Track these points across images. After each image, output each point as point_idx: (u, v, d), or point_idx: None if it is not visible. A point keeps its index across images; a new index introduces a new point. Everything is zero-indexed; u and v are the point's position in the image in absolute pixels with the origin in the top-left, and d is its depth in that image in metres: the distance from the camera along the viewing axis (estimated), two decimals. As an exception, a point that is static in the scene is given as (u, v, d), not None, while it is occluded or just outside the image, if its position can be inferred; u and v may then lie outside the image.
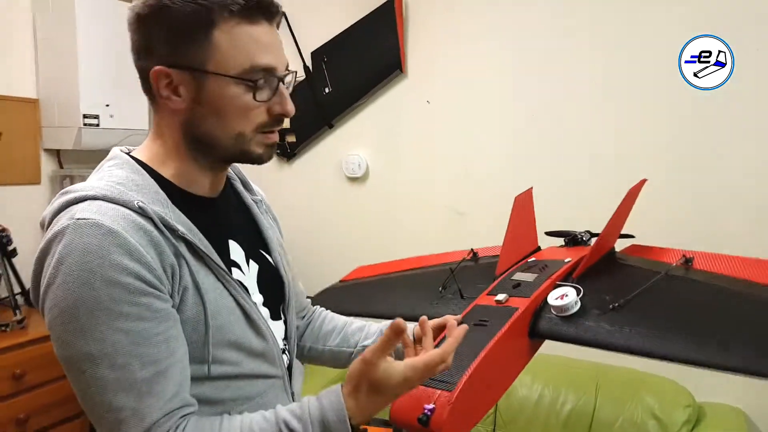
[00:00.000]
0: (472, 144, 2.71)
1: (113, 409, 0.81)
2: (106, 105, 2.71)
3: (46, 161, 2.89)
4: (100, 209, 0.83)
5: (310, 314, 1.31)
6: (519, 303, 1.06)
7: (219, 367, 0.92)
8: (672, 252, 1.28)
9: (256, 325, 0.97)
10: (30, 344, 2.32)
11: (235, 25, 0.88)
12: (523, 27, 2.56)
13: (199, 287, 0.89)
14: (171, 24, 0.87)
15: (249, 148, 0.94)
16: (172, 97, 0.91)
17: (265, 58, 0.90)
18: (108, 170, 0.93)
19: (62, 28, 2.68)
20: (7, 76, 2.72)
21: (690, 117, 2.30)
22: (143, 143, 0.99)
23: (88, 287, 0.79)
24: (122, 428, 0.81)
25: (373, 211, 2.97)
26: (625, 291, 1.06)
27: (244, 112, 0.91)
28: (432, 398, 0.90)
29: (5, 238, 2.53)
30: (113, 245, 0.80)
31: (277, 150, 3.14)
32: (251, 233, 1.10)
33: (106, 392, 0.80)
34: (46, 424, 2.39)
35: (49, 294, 0.82)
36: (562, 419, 2.27)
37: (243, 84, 0.89)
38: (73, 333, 0.80)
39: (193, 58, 0.88)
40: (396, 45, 2.75)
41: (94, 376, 0.80)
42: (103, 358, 0.80)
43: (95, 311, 0.79)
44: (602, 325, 0.99)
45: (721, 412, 2.19)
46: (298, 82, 3.01)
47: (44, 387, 2.36)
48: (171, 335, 0.85)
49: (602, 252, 1.24)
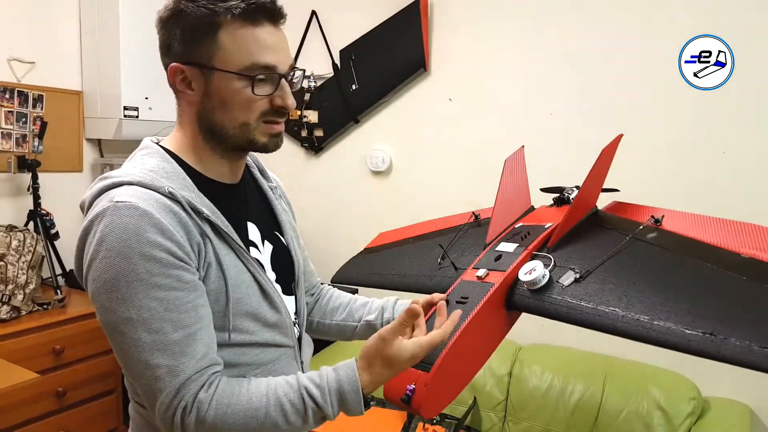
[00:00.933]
0: (492, 141, 2.75)
1: (151, 366, 0.90)
2: (145, 98, 2.82)
3: (88, 150, 3.00)
4: (136, 193, 0.93)
5: (318, 292, 1.41)
6: (496, 278, 1.08)
7: (238, 335, 1.02)
8: (646, 210, 1.25)
9: (271, 298, 1.07)
10: (69, 322, 2.43)
11: (239, 27, 0.98)
12: (542, 29, 2.61)
13: (222, 263, 0.99)
14: (185, 25, 0.98)
15: (254, 137, 1.03)
16: (187, 91, 1.02)
17: (265, 57, 0.99)
18: (140, 159, 1.03)
19: (106, 24, 2.79)
20: (55, 70, 2.83)
21: (690, 117, 2.32)
22: (171, 134, 1.09)
23: (127, 261, 0.89)
24: (159, 384, 0.91)
25: (395, 204, 3.03)
26: (591, 260, 1.05)
27: (246, 104, 1.00)
28: (413, 379, 0.97)
29: (49, 221, 2.65)
30: (148, 225, 0.90)
31: (305, 144, 3.24)
32: (267, 216, 1.19)
33: (143, 352, 0.90)
34: (83, 397, 2.48)
35: (92, 268, 0.92)
36: (570, 408, 2.32)
37: (244, 79, 0.99)
38: (115, 301, 0.90)
39: (202, 56, 0.99)
40: (420, 44, 2.82)
41: (133, 338, 0.90)
42: (140, 322, 0.90)
43: (133, 282, 0.89)
44: (565, 299, 1.01)
45: (725, 405, 2.22)
46: (326, 80, 3.11)
47: (82, 363, 2.46)
48: (198, 303, 0.95)
49: (579, 216, 1.21)
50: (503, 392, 2.47)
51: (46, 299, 2.50)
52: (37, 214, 2.64)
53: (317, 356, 2.59)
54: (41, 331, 2.35)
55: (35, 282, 2.46)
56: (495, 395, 2.48)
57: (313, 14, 3.10)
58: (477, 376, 2.53)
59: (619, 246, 1.08)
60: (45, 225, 2.64)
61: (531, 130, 2.68)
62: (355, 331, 1.34)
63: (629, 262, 1.05)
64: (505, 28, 2.70)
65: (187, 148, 1.06)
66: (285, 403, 0.95)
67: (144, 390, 0.94)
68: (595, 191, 1.30)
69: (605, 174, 1.31)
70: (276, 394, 0.95)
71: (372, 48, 2.99)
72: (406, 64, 2.90)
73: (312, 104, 3.14)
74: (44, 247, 2.57)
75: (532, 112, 2.67)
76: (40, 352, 2.34)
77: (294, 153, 3.31)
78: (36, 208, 2.65)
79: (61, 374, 2.41)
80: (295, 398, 0.95)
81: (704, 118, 2.30)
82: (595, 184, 1.27)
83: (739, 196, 2.26)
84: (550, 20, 2.59)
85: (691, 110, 2.32)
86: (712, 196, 2.29)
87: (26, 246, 2.45)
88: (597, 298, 0.99)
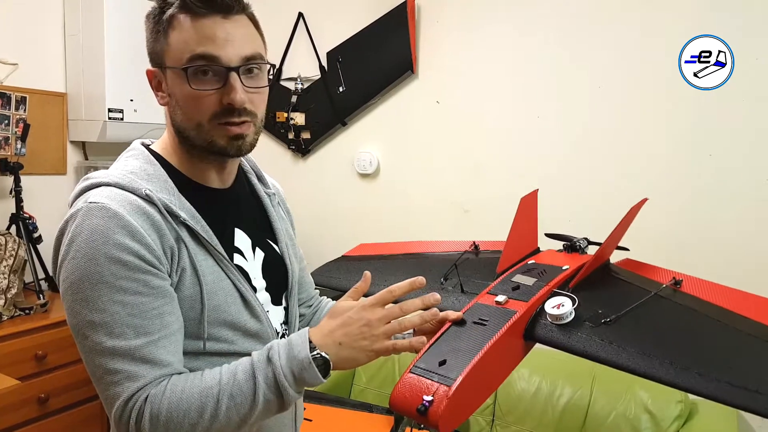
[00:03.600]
0: (479, 144, 2.76)
1: (110, 371, 0.88)
2: (130, 100, 2.79)
3: (71, 153, 2.97)
4: (110, 195, 0.92)
5: (316, 303, 1.38)
6: (517, 306, 1.10)
7: (215, 344, 0.99)
8: (663, 272, 1.31)
9: (251, 306, 1.03)
10: (52, 327, 2.39)
11: (183, 20, 0.94)
12: (531, 31, 2.62)
13: (197, 269, 0.96)
14: (148, 27, 0.99)
15: (212, 139, 0.98)
16: (158, 93, 1.01)
17: (203, 47, 0.93)
18: (125, 161, 1.02)
19: (91, 25, 2.77)
20: (39, 71, 2.80)
21: (690, 117, 2.33)
22: (161, 136, 1.08)
23: (93, 263, 0.87)
24: (117, 389, 0.88)
25: (382, 206, 3.04)
26: (617, 307, 1.10)
27: (193, 101, 0.96)
28: (431, 390, 0.94)
29: (31, 225, 2.61)
30: (117, 226, 0.89)
31: (292, 146, 3.22)
32: (261, 223, 1.16)
33: (103, 356, 0.88)
34: (66, 404, 2.44)
35: (63, 268, 0.90)
36: (558, 411, 2.32)
37: (184, 74, 0.94)
38: (80, 303, 0.88)
39: (159, 56, 0.98)
40: (408, 47, 2.82)
41: (94, 341, 0.88)
42: (103, 326, 0.87)
43: (98, 284, 0.87)
44: (594, 338, 1.04)
45: (712, 408, 2.21)
46: (313, 82, 3.10)
47: (65, 369, 2.43)
48: (165, 311, 0.92)
49: (597, 264, 1.27)
50: (491, 396, 2.46)
51: (29, 304, 2.46)
52: (19, 217, 2.60)
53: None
54: (23, 336, 2.31)
55: (17, 286, 2.42)
56: (483, 399, 2.46)
57: (300, 16, 3.08)
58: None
59: (645, 298, 1.14)
60: (27, 228, 2.61)
61: (518, 133, 2.68)
62: None
63: (655, 315, 1.12)
64: (493, 31, 2.70)
65: (172, 151, 1.05)
66: (238, 371, 0.91)
67: (103, 395, 0.91)
68: (614, 244, 1.37)
69: (626, 230, 1.36)
70: (229, 367, 0.93)
71: (359, 50, 2.98)
72: (393, 67, 2.90)
73: (299, 106, 3.13)
74: (27, 251, 2.53)
75: (520, 115, 2.67)
76: (22, 358, 2.30)
77: (281, 155, 3.29)
78: (18, 212, 2.61)
79: (44, 380, 2.37)
80: (245, 363, 0.92)
81: (704, 118, 2.31)
82: (617, 236, 1.34)
83: (738, 196, 2.27)
84: (539, 23, 2.60)
85: (690, 110, 2.33)
86: (712, 196, 2.31)
87: (8, 250, 2.41)
88: (627, 341, 1.02)
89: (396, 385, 0.97)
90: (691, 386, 0.93)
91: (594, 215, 2.27)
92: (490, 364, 1.03)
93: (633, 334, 1.04)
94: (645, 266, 1.38)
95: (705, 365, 0.95)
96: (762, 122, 2.22)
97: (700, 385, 0.92)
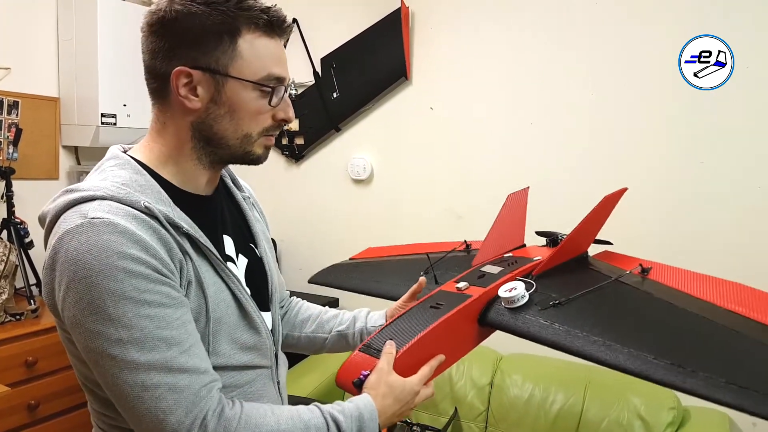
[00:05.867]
0: (472, 150, 2.77)
1: (149, 387, 0.85)
2: (123, 105, 2.78)
3: (64, 157, 2.95)
4: (111, 209, 0.88)
5: (287, 304, 1.38)
6: (475, 291, 1.12)
7: (216, 358, 0.97)
8: (635, 261, 1.30)
9: (251, 317, 1.03)
10: (43, 333, 2.37)
11: (258, 37, 0.97)
12: (525, 37, 2.63)
13: (201, 282, 0.95)
14: (199, 29, 0.94)
15: (252, 149, 1.02)
16: (190, 97, 0.96)
17: (279, 69, 0.99)
18: (110, 170, 0.97)
19: (84, 30, 2.75)
20: (31, 76, 2.78)
21: (690, 117, 2.34)
22: (141, 142, 1.04)
23: (111, 279, 0.83)
24: (162, 404, 0.85)
25: (376, 212, 3.04)
26: (572, 290, 1.10)
27: (255, 115, 0.99)
28: (371, 365, 1.00)
29: (23, 230, 2.59)
30: (130, 241, 0.85)
31: (286, 152, 3.22)
32: (241, 227, 1.15)
33: (139, 373, 0.84)
34: (56, 410, 2.42)
35: (70, 291, 0.85)
36: (551, 418, 2.31)
37: (259, 89, 0.98)
38: (102, 323, 0.84)
39: (217, 62, 0.95)
40: (401, 53, 2.83)
41: (126, 359, 0.84)
42: (133, 342, 0.84)
43: (121, 300, 0.83)
44: (538, 320, 1.04)
45: (705, 415, 2.22)
46: (307, 88, 3.11)
47: (55, 375, 2.40)
48: (187, 320, 0.91)
49: (569, 255, 1.26)
50: (484, 402, 2.47)
51: (19, 310, 2.44)
52: (11, 222, 2.58)
53: (291, 371, 2.57)
54: (13, 342, 2.29)
55: (8, 292, 2.40)
56: (476, 405, 2.47)
57: (295, 22, 3.09)
58: (458, 386, 2.53)
59: (602, 283, 1.14)
60: (19, 234, 2.58)
61: (511, 139, 2.69)
62: (326, 343, 1.32)
63: (610, 298, 1.12)
64: (487, 37, 2.71)
65: (165, 159, 1.01)
66: (311, 426, 0.93)
67: (142, 412, 0.86)
68: (588, 235, 1.36)
69: (602, 222, 1.35)
70: (301, 419, 0.94)
71: (353, 56, 2.99)
72: (387, 73, 2.91)
73: (293, 112, 3.12)
74: (18, 256, 2.51)
75: (513, 121, 2.68)
76: (12, 364, 2.28)
77: (275, 161, 3.29)
78: (10, 217, 2.59)
79: (34, 386, 2.34)
80: (319, 422, 0.94)
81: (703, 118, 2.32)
82: (589, 228, 1.32)
83: (738, 195, 2.28)
84: (533, 29, 2.61)
85: (690, 110, 2.33)
86: (711, 195, 2.32)
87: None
88: (571, 322, 1.03)
89: (344, 363, 1.03)
90: (631, 368, 0.92)
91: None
92: (436, 343, 1.06)
93: (580, 316, 1.04)
94: (622, 257, 1.38)
95: (650, 348, 0.94)
96: (762, 122, 2.22)
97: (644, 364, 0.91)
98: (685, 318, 1.06)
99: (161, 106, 1.01)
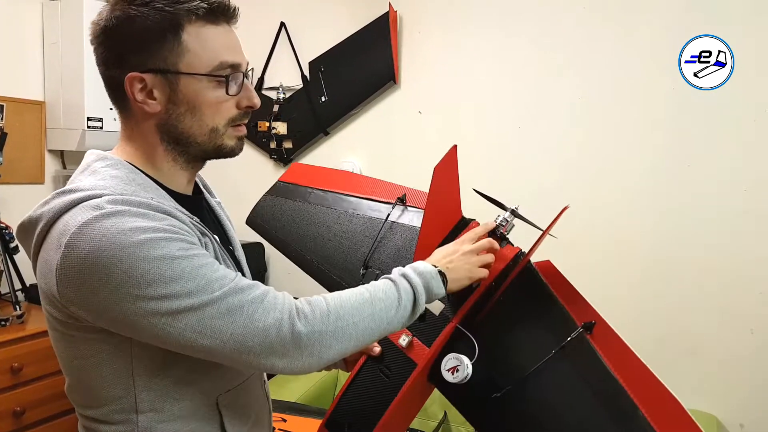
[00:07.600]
0: (460, 154, 2.75)
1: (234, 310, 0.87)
2: (110, 108, 2.70)
3: (50, 162, 2.94)
4: (125, 201, 0.87)
5: None
6: (419, 355, 1.19)
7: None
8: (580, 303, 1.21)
9: None
10: (28, 339, 2.36)
11: (201, 27, 0.94)
12: (514, 40, 2.63)
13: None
14: (141, 32, 0.92)
15: (222, 142, 1.00)
16: (148, 101, 0.95)
17: (231, 56, 0.96)
18: (105, 170, 0.95)
19: (70, 34, 2.74)
20: (17, 79, 2.77)
21: (689, 117, 2.34)
22: (115, 148, 1.03)
23: (156, 248, 0.83)
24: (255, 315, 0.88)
25: (365, 216, 3.03)
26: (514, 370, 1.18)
27: (216, 107, 0.97)
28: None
29: (8, 235, 2.57)
30: (155, 220, 0.87)
31: (274, 155, 3.21)
32: (219, 231, 1.15)
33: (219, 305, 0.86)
34: (42, 417, 2.41)
35: (112, 274, 0.82)
36: (541, 421, 2.32)
37: (214, 80, 0.95)
38: (165, 286, 0.83)
39: (165, 61, 0.93)
40: (390, 57, 2.82)
41: (202, 301, 0.85)
42: (201, 289, 0.85)
43: (174, 261, 0.84)
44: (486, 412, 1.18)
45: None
46: (295, 91, 3.10)
47: (41, 381, 2.39)
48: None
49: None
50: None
51: (5, 315, 2.43)
52: (-5, 227, 2.56)
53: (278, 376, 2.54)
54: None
55: (-7, 297, 2.39)
56: (465, 409, 2.46)
57: (282, 26, 3.08)
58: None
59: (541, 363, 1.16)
60: (4, 239, 2.56)
61: (500, 143, 2.69)
62: None
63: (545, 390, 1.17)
64: (475, 41, 2.72)
65: (143, 162, 1.00)
66: (377, 284, 1.02)
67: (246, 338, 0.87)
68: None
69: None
70: (371, 284, 1.03)
71: (341, 60, 2.99)
72: (375, 77, 2.91)
73: (281, 116, 3.11)
74: (2, 261, 2.51)
75: (502, 125, 2.69)
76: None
77: (263, 164, 3.28)
78: (-6, 222, 2.57)
79: (20, 393, 2.34)
80: (381, 280, 1.04)
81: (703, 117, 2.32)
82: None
83: (738, 196, 2.29)
84: (521, 32, 2.61)
85: (689, 110, 2.34)
86: (711, 195, 2.32)
87: (-17, 260, 2.37)
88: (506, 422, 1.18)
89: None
90: None
91: (579, 225, 2.30)
92: (397, 415, 1.16)
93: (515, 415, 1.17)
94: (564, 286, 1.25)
95: None
96: (762, 122, 2.23)
97: None
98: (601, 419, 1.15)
99: (124, 113, 1.01)
